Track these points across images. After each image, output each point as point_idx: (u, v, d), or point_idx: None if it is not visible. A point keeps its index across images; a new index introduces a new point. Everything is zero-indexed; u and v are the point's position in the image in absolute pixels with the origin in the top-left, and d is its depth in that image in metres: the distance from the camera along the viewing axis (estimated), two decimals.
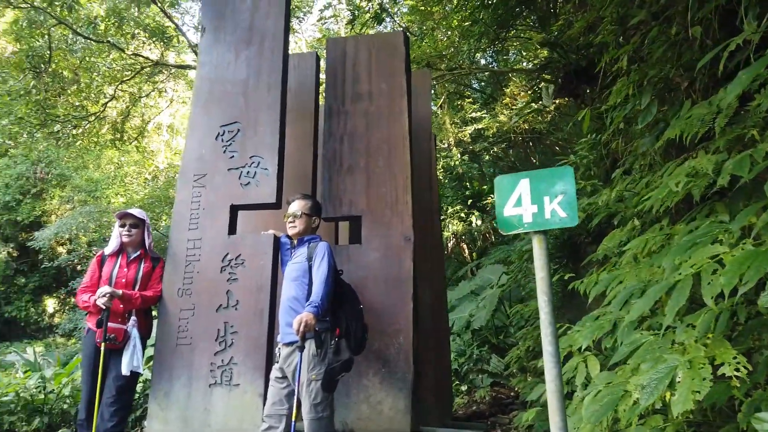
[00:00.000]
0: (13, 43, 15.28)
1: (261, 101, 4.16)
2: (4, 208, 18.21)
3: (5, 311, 18.41)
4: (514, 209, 1.97)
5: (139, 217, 3.94)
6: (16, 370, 9.13)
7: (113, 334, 3.57)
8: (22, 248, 18.65)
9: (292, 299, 3.27)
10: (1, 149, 16.20)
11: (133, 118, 18.16)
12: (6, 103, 11.35)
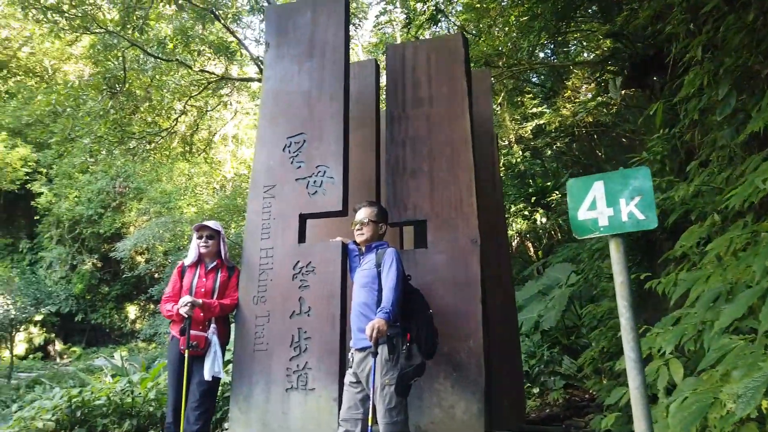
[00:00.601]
0: (90, 66, 16.34)
1: (324, 112, 4.26)
2: (88, 221, 19.50)
3: (92, 318, 19.67)
4: (589, 213, 1.93)
5: (214, 229, 4.12)
6: (105, 374, 9.74)
7: (195, 342, 3.75)
8: (105, 259, 19.88)
9: (363, 305, 3.33)
10: (84, 166, 17.29)
11: (201, 131, 18.97)
12: (87, 123, 12.13)
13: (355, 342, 3.33)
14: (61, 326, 19.68)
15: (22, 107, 21.77)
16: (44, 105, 13.97)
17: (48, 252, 20.10)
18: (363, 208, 3.60)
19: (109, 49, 12.36)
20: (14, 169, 20.66)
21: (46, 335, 19.51)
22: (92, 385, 6.15)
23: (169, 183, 20.22)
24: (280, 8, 4.99)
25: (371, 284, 3.34)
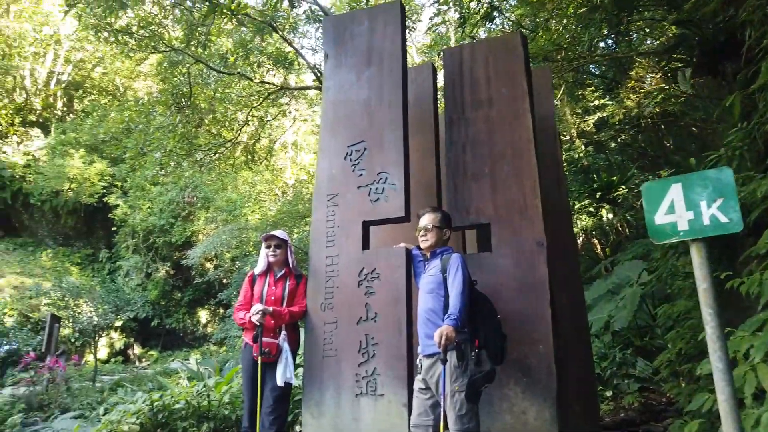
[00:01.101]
0: (158, 83, 17.17)
1: (384, 119, 4.30)
2: (160, 231, 20.48)
3: (166, 323, 20.62)
4: (667, 217, 1.85)
5: (281, 238, 4.24)
6: (181, 377, 10.20)
7: (267, 348, 3.88)
8: (177, 266, 20.81)
9: (429, 311, 3.33)
10: (155, 179, 18.19)
11: (262, 140, 19.55)
12: (157, 138, 12.76)
13: (423, 348, 3.33)
14: (139, 331, 20.77)
15: (98, 125, 23.13)
16: (118, 122, 14.82)
17: (125, 261, 21.26)
18: (426, 214, 3.61)
19: (175, 65, 12.95)
20: (92, 184, 22.01)
21: (125, 340, 20.64)
22: (171, 389, 6.45)
23: (234, 191, 20.92)
24: (337, 18, 5.08)
25: (437, 290, 3.34)
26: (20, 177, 22.61)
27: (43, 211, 22.74)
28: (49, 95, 27.07)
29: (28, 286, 19.20)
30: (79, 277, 20.77)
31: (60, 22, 23.86)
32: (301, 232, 15.57)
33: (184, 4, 10.74)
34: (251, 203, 20.99)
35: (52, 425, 7.57)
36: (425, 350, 3.29)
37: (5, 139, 25.00)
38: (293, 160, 31.18)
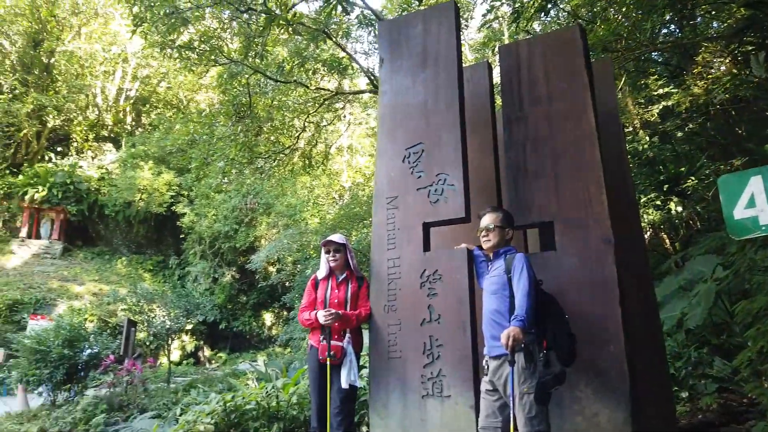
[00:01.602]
0: (219, 94, 17.82)
1: (441, 120, 4.30)
2: (225, 237, 21.24)
3: (233, 326, 21.35)
4: (747, 211, 1.78)
5: (340, 243, 4.29)
6: (250, 378, 10.53)
7: (333, 351, 3.96)
8: (242, 270, 21.52)
9: (495, 312, 3.31)
10: (219, 187, 18.89)
11: (319, 145, 19.92)
12: (220, 148, 13.25)
13: (489, 350, 3.31)
14: (208, 334, 21.62)
15: (164, 137, 24.25)
16: (183, 134, 15.47)
17: (193, 267, 22.18)
18: (488, 214, 3.58)
19: (234, 77, 13.38)
20: (161, 194, 23.11)
21: (196, 342, 21.54)
22: (242, 390, 6.69)
23: (293, 196, 21.43)
24: (391, 23, 5.12)
25: (502, 291, 3.31)
26: (95, 189, 24.05)
27: (117, 221, 24.10)
28: (119, 111, 28.64)
29: (105, 292, 20.37)
30: (152, 283, 21.84)
31: (127, 41, 25.22)
32: (360, 235, 15.74)
33: (242, 18, 11.10)
34: (310, 207, 21.43)
35: (132, 425, 7.99)
36: (492, 351, 3.27)
37: (81, 155, 26.67)
38: (349, 163, 31.60)
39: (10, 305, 18.21)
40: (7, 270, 21.06)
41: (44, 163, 24.76)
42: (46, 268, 21.65)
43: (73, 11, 25.11)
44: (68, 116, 26.06)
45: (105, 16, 26.08)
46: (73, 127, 26.69)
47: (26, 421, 9.21)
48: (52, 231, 23.70)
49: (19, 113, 23.07)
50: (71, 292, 19.88)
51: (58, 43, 25.32)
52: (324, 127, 17.49)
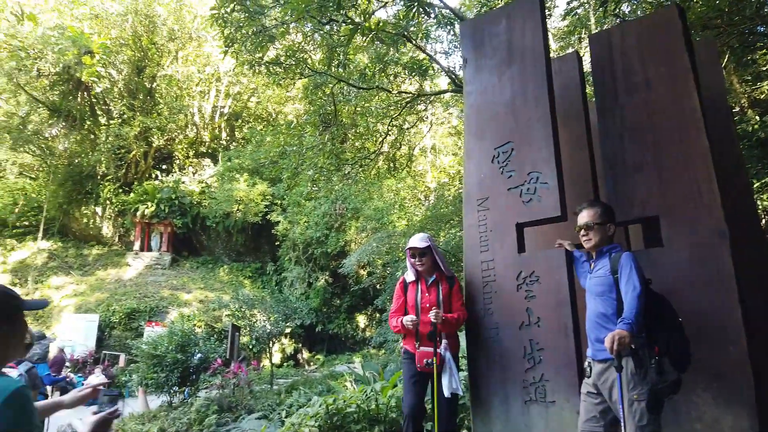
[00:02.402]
0: (305, 105, 18.45)
1: (530, 117, 4.18)
2: (317, 242, 21.93)
3: (329, 328, 21.97)
4: None
5: (424, 246, 4.10)
6: (347, 380, 10.77)
7: (430, 359, 3.82)
8: (334, 274, 22.11)
9: (600, 315, 3.13)
10: (310, 195, 19.53)
11: (402, 147, 20.07)
12: (309, 157, 13.70)
13: (594, 353, 3.15)
14: (306, 337, 22.39)
15: (256, 150, 25.47)
16: (275, 146, 16.15)
17: (289, 272, 23.09)
18: (585, 211, 3.35)
19: (319, 87, 13.79)
20: (256, 204, 24.26)
21: (295, 345, 22.38)
22: (343, 393, 6.86)
23: (380, 200, 21.71)
24: (473, 22, 5.05)
25: (608, 293, 3.12)
26: (197, 203, 25.68)
27: (218, 231, 25.60)
28: (215, 128, 30.43)
29: (211, 299, 21.69)
30: (251, 289, 22.96)
31: (219, 61, 26.76)
32: (448, 235, 15.66)
33: (324, 29, 11.41)
34: (397, 210, 21.60)
35: (241, 425, 8.42)
36: (597, 355, 3.11)
37: (183, 171, 28.60)
38: (433, 164, 31.56)
39: (129, 313, 19.88)
40: (124, 281, 22.99)
41: (151, 180, 26.79)
42: (158, 278, 23.39)
43: (170, 37, 27.00)
44: (170, 136, 28.05)
45: (198, 39, 27.83)
46: (175, 145, 28.68)
47: (147, 422, 9.97)
48: (162, 243, 25.60)
49: (128, 136, 25.13)
50: (180, 300, 21.34)
51: (159, 68, 27.33)
52: (407, 130, 17.58)
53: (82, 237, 26.22)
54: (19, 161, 26.30)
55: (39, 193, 25.53)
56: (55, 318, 20.37)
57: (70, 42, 21.60)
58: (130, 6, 24.64)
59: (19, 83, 23.66)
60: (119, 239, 26.52)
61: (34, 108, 25.50)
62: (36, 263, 23.50)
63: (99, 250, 25.57)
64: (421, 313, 4.03)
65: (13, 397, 1.66)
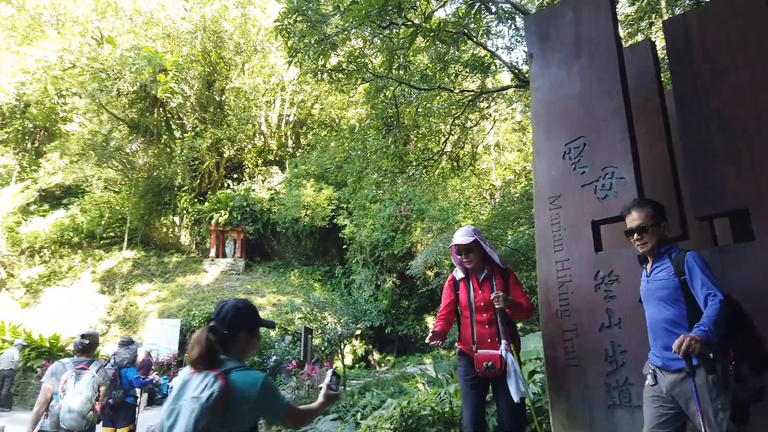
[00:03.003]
0: (367, 110, 18.64)
1: (603, 110, 4.02)
2: (383, 244, 22.08)
3: (398, 330, 22.05)
4: None
5: (469, 241, 3.84)
6: (419, 382, 10.76)
7: (491, 362, 3.60)
8: (401, 276, 22.17)
9: (668, 321, 2.90)
10: (375, 197, 19.69)
11: (465, 146, 19.86)
12: (373, 161, 13.82)
13: (664, 362, 2.91)
14: (376, 338, 22.58)
15: (321, 155, 26.00)
16: (339, 152, 16.41)
17: (357, 275, 23.38)
18: (634, 212, 3.10)
19: (381, 91, 13.87)
20: (323, 208, 24.75)
21: (365, 346, 22.61)
22: (416, 395, 6.86)
23: (444, 200, 21.60)
24: (538, 16, 4.91)
25: (675, 296, 2.89)
26: (267, 209, 26.50)
27: (287, 236, 26.30)
28: (281, 136, 31.32)
29: (283, 302, 22.30)
30: (321, 292, 23.43)
31: (283, 71, 27.54)
32: (516, 234, 15.33)
33: (384, 33, 11.48)
34: (462, 210, 21.40)
35: (318, 426, 8.58)
36: (670, 365, 2.86)
37: (253, 179, 29.60)
38: (497, 161, 31.09)
39: (207, 318, 20.64)
40: (202, 287, 24.05)
41: (224, 189, 27.89)
42: (233, 283, 24.31)
43: (236, 51, 28.04)
44: (240, 146, 29.11)
45: (263, 51, 28.74)
46: (245, 154, 29.74)
47: None
48: (235, 250, 26.59)
49: (201, 148, 26.32)
50: (255, 304, 22.03)
51: (227, 81, 28.45)
52: (470, 129, 17.38)
53: (163, 245, 27.67)
54: (103, 176, 28.09)
55: (122, 205, 27.16)
56: (140, 323, 21.62)
57: (145, 61, 22.86)
58: (199, 23, 25.79)
59: (101, 103, 25.30)
60: (196, 247, 27.79)
61: (116, 125, 27.19)
62: (122, 271, 25.02)
63: (178, 257, 26.89)
64: (476, 312, 3.83)
65: (265, 383, 2.23)
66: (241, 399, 2.16)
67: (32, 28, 25.51)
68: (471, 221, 20.65)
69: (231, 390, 2.14)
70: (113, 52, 23.59)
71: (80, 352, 5.10)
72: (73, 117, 28.64)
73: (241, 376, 2.21)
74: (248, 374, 2.24)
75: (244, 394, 2.17)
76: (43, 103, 27.25)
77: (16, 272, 24.45)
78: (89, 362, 5.01)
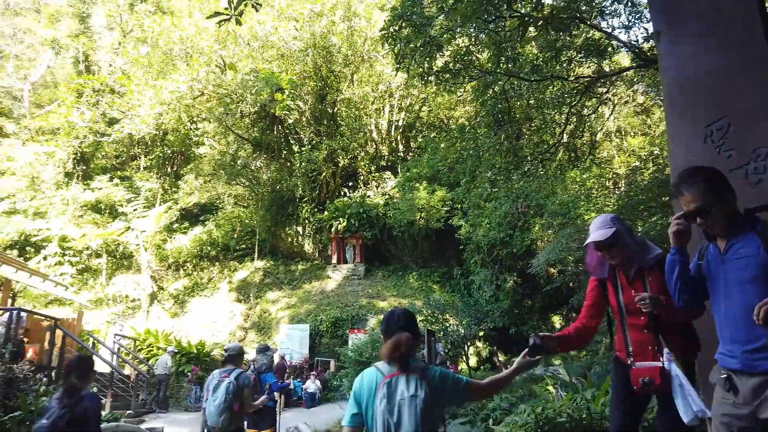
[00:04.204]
0: (476, 106, 18.35)
1: (749, 84, 3.59)
2: (501, 243, 21.58)
3: (522, 330, 21.39)
4: None
5: (607, 236, 3.15)
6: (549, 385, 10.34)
7: (647, 377, 2.95)
8: (523, 275, 21.52)
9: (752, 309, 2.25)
10: (492, 195, 19.32)
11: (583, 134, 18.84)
12: (486, 159, 13.58)
13: (745, 362, 2.36)
14: (499, 339, 22.11)
15: (432, 157, 26.06)
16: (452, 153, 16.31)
17: (475, 275, 23.07)
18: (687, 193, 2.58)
19: (489, 87, 13.60)
20: (437, 210, 24.75)
21: (489, 347, 22.24)
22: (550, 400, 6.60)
23: (564, 193, 20.63)
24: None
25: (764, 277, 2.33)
26: (383, 214, 27.07)
27: (404, 240, 26.65)
28: (391, 141, 31.87)
29: (404, 305, 22.59)
30: (440, 294, 23.42)
31: (390, 78, 28.03)
32: (646, 225, 14.24)
33: (489, 28, 11.24)
34: (584, 202, 20.32)
35: (450, 429, 8.56)
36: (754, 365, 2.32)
37: (367, 186, 30.38)
38: (619, 148, 29.18)
39: (334, 322, 21.62)
40: (327, 292, 25.09)
41: (341, 198, 28.94)
42: (355, 288, 25.10)
43: (345, 63, 29.02)
44: (353, 154, 30.05)
45: (370, 60, 29.47)
46: (358, 162, 30.64)
47: None
48: (355, 255, 27.45)
49: (317, 160, 27.54)
50: (377, 308, 22.61)
51: (338, 93, 29.53)
52: (587, 116, 16.46)
53: (289, 254, 29.28)
54: (233, 193, 30.38)
55: (251, 218, 29.15)
56: (273, 329, 23.01)
57: (263, 83, 24.38)
58: (309, 41, 27.03)
59: (228, 125, 27.39)
60: (319, 254, 29.07)
61: (241, 145, 29.31)
62: (254, 281, 26.83)
63: (303, 265, 28.30)
64: (628, 315, 3.19)
65: (442, 372, 2.61)
66: (438, 392, 2.50)
67: (165, 63, 28.30)
68: (594, 213, 19.54)
69: (432, 386, 2.48)
70: (235, 77, 25.44)
71: (226, 362, 5.84)
72: (204, 140, 31.33)
73: (430, 373, 2.54)
74: (430, 370, 2.57)
75: (438, 388, 2.51)
76: (178, 130, 30.13)
77: (165, 285, 27.16)
78: (231, 371, 5.62)
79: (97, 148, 31.56)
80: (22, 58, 40.09)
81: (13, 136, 34.95)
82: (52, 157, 30.49)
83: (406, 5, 10.02)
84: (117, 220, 28.60)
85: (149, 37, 30.02)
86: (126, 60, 31.83)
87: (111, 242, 27.55)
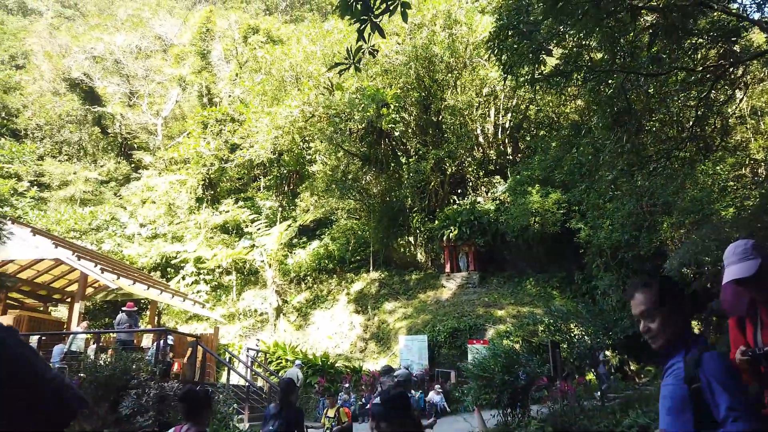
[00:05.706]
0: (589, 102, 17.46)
1: None
2: (626, 245, 20.28)
3: None
4: None
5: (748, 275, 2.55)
6: None
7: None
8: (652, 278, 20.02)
9: None
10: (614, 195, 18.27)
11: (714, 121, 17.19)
12: (605, 161, 12.85)
13: None
14: (631, 347, 20.74)
15: (544, 158, 25.21)
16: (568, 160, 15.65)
17: (599, 281, 21.84)
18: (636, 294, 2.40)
19: (604, 84, 12.87)
20: (552, 213, 23.83)
21: (620, 357, 20.95)
22: None
23: (694, 188, 18.98)
24: None
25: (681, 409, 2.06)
26: (494, 220, 26.59)
27: (518, 245, 25.96)
28: (499, 145, 31.30)
29: (523, 314, 21.99)
30: (560, 300, 22.50)
31: (495, 81, 27.55)
32: None
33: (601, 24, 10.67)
34: (719, 197, 18.56)
35: None
36: None
37: (476, 192, 30.07)
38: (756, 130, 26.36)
39: (451, 332, 21.53)
40: (442, 302, 25.08)
41: (450, 205, 28.87)
42: (470, 297, 24.83)
43: (447, 71, 29.02)
44: (460, 161, 29.89)
45: (472, 65, 29.22)
46: (466, 168, 30.40)
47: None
48: (468, 263, 27.18)
49: (425, 169, 27.72)
50: (495, 317, 22.18)
51: (441, 102, 29.57)
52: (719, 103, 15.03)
53: (402, 264, 29.69)
54: (346, 207, 31.43)
55: (364, 231, 29.96)
56: (393, 339, 23.41)
57: (369, 99, 25.04)
58: (411, 53, 27.38)
59: (338, 143, 28.44)
60: (431, 263, 29.17)
61: (351, 161, 30.29)
62: (371, 292, 27.50)
63: (417, 275, 28.55)
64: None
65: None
66: None
67: (278, 89, 30.02)
68: (732, 210, 17.81)
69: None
70: (342, 96, 26.39)
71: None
72: (316, 158, 32.77)
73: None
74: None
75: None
76: (292, 150, 31.79)
77: (288, 299, 28.67)
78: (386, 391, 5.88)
79: (222, 173, 34.19)
80: (154, 95, 44.61)
81: (151, 167, 38.91)
82: (185, 185, 33.49)
83: (512, 14, 9.81)
84: (243, 239, 30.74)
85: (263, 67, 32.05)
86: (243, 89, 34.22)
87: (239, 260, 29.65)
